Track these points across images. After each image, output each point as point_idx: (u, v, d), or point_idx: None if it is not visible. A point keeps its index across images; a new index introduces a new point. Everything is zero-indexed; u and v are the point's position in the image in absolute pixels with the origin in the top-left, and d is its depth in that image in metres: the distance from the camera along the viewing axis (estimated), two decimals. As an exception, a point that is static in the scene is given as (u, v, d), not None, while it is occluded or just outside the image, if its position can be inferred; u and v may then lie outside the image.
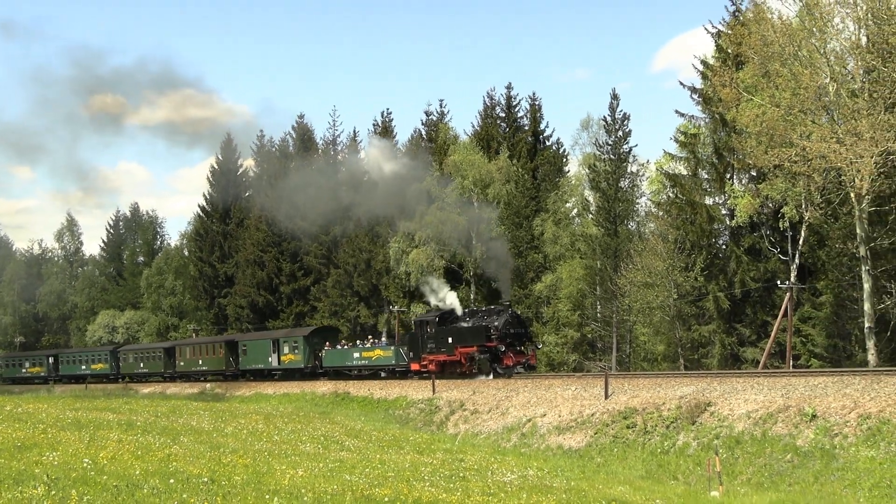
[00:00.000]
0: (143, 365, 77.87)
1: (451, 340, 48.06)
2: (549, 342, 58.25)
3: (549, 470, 25.73)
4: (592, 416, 32.94)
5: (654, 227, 61.24)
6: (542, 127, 71.94)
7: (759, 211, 48.05)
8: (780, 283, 46.08)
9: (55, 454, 18.66)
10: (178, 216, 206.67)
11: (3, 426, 25.59)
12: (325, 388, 54.69)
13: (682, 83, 57.93)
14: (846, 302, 46.33)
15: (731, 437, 26.75)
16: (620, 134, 62.32)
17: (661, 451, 28.42)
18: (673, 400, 30.85)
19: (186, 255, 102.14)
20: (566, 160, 70.97)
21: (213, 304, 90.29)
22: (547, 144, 71.44)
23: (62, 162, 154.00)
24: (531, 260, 62.15)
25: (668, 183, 57.62)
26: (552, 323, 60.09)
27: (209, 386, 68.39)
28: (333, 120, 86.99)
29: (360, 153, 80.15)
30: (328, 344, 59.32)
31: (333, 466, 21.56)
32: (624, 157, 62.62)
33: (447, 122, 73.44)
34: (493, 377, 44.73)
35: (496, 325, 45.77)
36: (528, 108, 72.27)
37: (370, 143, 78.49)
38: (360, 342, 58.56)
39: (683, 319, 53.85)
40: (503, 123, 72.20)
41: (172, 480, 15.58)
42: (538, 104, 72.17)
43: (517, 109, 72.45)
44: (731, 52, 49.75)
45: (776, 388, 28.63)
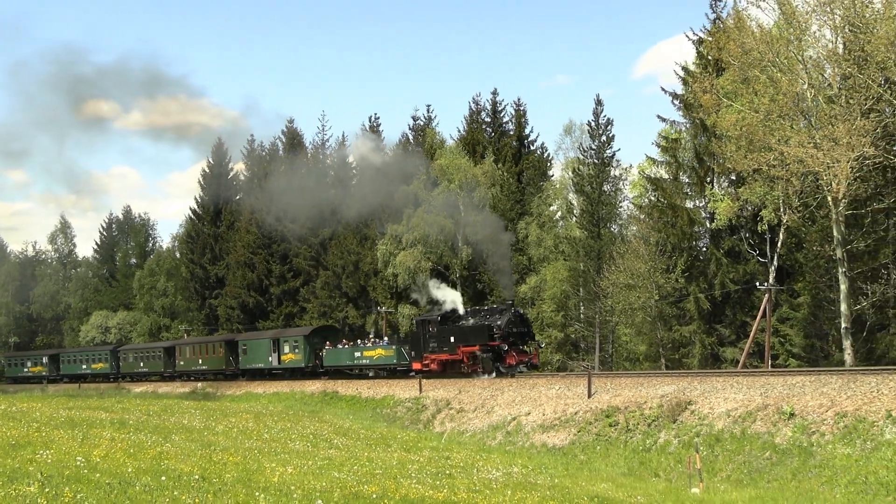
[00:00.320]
0: (142, 364, 77.40)
1: (453, 339, 47.25)
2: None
3: (533, 467, 25.73)
4: (576, 414, 32.97)
5: (636, 229, 61.29)
6: (526, 132, 71.93)
7: (738, 214, 48.18)
8: (758, 284, 46.20)
9: (49, 452, 18.56)
10: (170, 219, 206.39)
11: (-3, 425, 25.49)
12: (314, 387, 54.63)
13: (663, 89, 58.28)
14: (823, 303, 46.49)
15: (711, 435, 26.81)
16: (604, 139, 62.39)
17: (642, 448, 28.47)
18: (654, 399, 30.90)
19: (178, 256, 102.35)
20: (550, 164, 71.12)
21: (204, 304, 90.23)
22: (531, 149, 71.46)
23: (53, 165, 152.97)
24: (516, 262, 62.16)
25: (649, 187, 57.68)
26: (536, 324, 60.07)
27: (200, 385, 68.15)
28: (322, 124, 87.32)
29: (349, 157, 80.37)
30: (329, 343, 58.49)
31: (322, 464, 21.51)
32: (607, 161, 62.70)
33: (434, 126, 73.43)
34: (495, 376, 43.82)
35: (499, 323, 45.11)
36: (512, 113, 72.34)
37: (360, 136, 78.55)
38: (361, 341, 57.65)
39: (665, 320, 53.94)
40: (489, 128, 72.21)
41: (164, 478, 15.51)
42: (523, 109, 72.21)
43: (502, 115, 72.51)
44: (711, 58, 49.88)
45: (755, 387, 28.70)
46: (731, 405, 27.92)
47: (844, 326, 41.13)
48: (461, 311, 50.26)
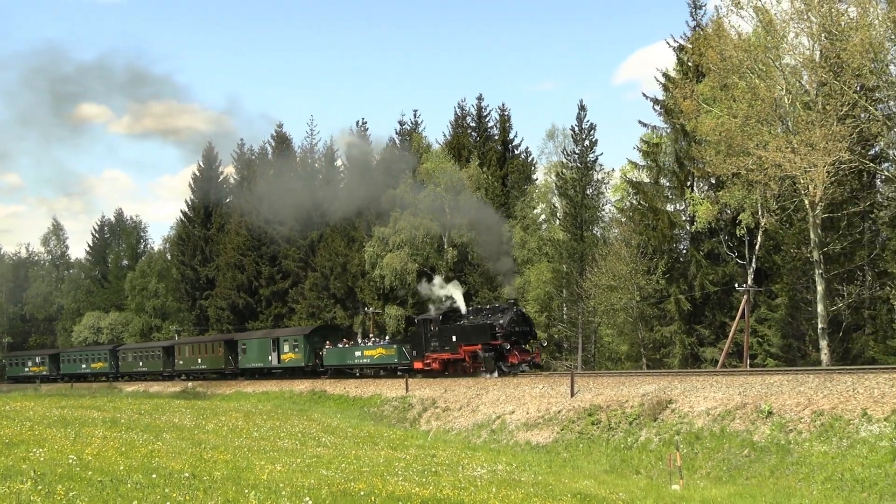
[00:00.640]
0: (142, 364, 76.81)
1: (454, 338, 46.24)
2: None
3: (517, 465, 25.73)
4: (559, 413, 32.99)
5: (618, 232, 61.35)
6: (510, 136, 72.01)
7: (717, 217, 48.26)
8: (737, 286, 46.30)
9: (42, 450, 18.52)
10: (161, 221, 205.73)
11: (-10, 424, 25.41)
12: (302, 386, 54.52)
13: (644, 95, 58.40)
14: (800, 304, 46.62)
15: (691, 433, 26.86)
16: (587, 143, 62.48)
17: (624, 446, 28.51)
18: (636, 398, 30.95)
19: (169, 258, 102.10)
20: (534, 168, 71.19)
21: (194, 305, 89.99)
22: (516, 153, 71.50)
23: (43, 168, 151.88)
24: (500, 263, 62.14)
25: (631, 190, 57.78)
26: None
27: (191, 384, 67.92)
28: (311, 129, 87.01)
29: (336, 161, 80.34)
30: (329, 343, 57.46)
31: (310, 462, 21.49)
32: (590, 165, 62.78)
33: (421, 131, 73.44)
34: (497, 375, 42.71)
35: (501, 322, 43.94)
36: (497, 118, 72.29)
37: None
38: (362, 341, 56.93)
39: (646, 321, 54.02)
40: (474, 133, 72.19)
41: (155, 476, 15.48)
42: (507, 115, 72.21)
43: (487, 119, 72.48)
44: (691, 65, 50.04)
45: (734, 386, 28.77)
46: (710, 404, 27.98)
47: (821, 327, 41.27)
48: (463, 310, 49.29)
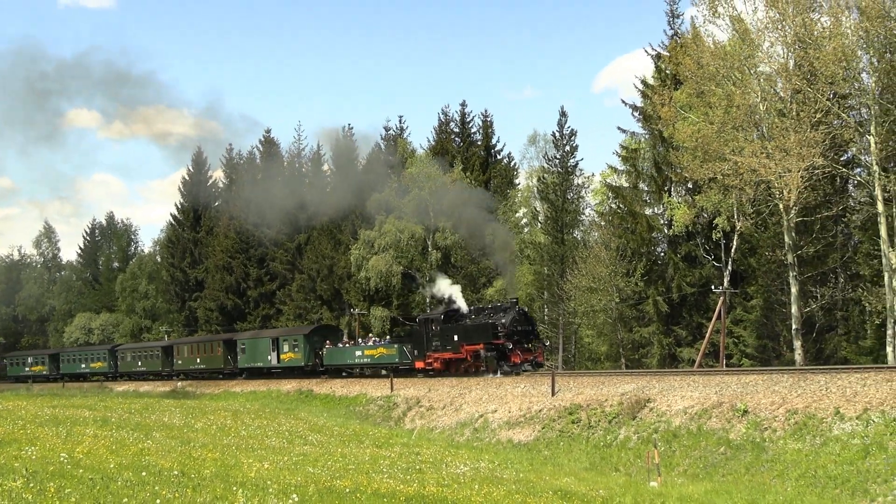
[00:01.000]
0: (140, 363, 75.97)
1: (456, 338, 44.96)
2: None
3: (499, 462, 25.69)
4: (540, 412, 32.98)
5: (597, 235, 61.53)
6: (493, 142, 71.95)
7: (694, 221, 48.42)
8: (714, 287, 46.43)
9: (34, 449, 18.44)
10: (151, 224, 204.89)
11: (-18, 423, 25.27)
12: (289, 385, 54.34)
13: (623, 101, 58.55)
14: (775, 305, 46.79)
15: (668, 431, 26.89)
16: (567, 149, 62.60)
17: (603, 444, 28.51)
18: (615, 397, 30.96)
19: (159, 261, 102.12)
20: (516, 173, 71.30)
21: (184, 307, 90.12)
22: (498, 158, 71.52)
23: (34, 172, 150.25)
24: (483, 266, 62.15)
25: (611, 194, 58.04)
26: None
27: (180, 384, 67.62)
28: (298, 135, 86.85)
29: (323, 166, 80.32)
30: (328, 342, 56.18)
31: (297, 460, 21.43)
32: (570, 170, 62.91)
33: (406, 137, 73.41)
34: (500, 375, 41.52)
35: (503, 322, 42.66)
36: (480, 124, 72.33)
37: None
38: (361, 340, 55.85)
39: (625, 321, 54.16)
40: (457, 138, 72.17)
41: (145, 473, 15.42)
42: (490, 120, 72.25)
43: (470, 125, 72.45)
44: (669, 73, 50.18)
45: (710, 385, 28.82)
46: (687, 403, 28.02)
47: (795, 328, 41.43)
48: (464, 309, 48.06)
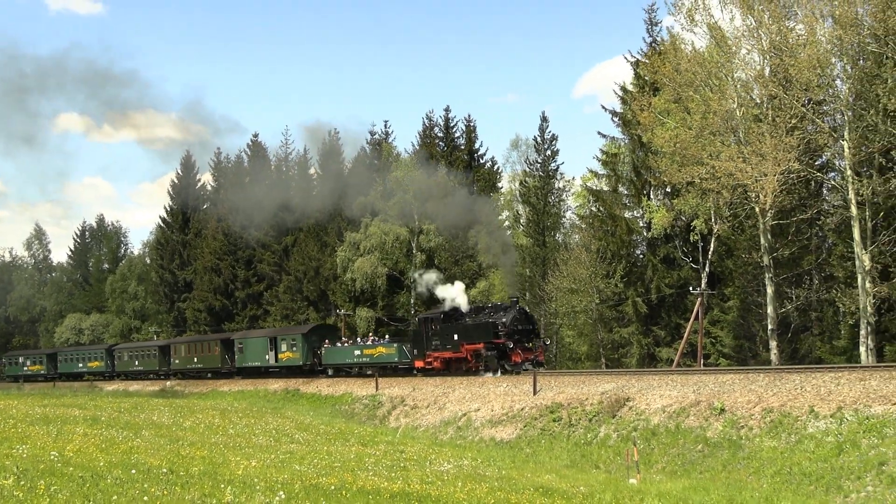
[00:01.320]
0: (137, 363, 75.04)
1: (456, 337, 43.88)
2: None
3: (482, 460, 25.68)
4: (522, 410, 32.99)
5: (578, 238, 61.65)
6: (476, 146, 71.90)
7: (673, 224, 48.48)
8: (691, 289, 46.57)
9: (24, 447, 18.35)
10: (140, 227, 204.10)
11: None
12: (276, 385, 54.23)
13: (603, 107, 58.97)
14: (751, 306, 46.91)
15: (647, 429, 26.93)
16: (549, 153, 62.76)
17: (584, 442, 28.54)
18: (595, 396, 30.99)
19: (148, 262, 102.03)
20: (499, 176, 71.28)
21: (172, 307, 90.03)
22: (481, 162, 71.48)
23: (24, 175, 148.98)
24: (466, 268, 62.13)
25: (591, 198, 58.04)
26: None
27: (169, 384, 67.32)
28: (286, 139, 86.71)
29: (310, 169, 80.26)
30: (327, 342, 55.12)
31: (284, 458, 21.38)
32: (551, 174, 63.04)
33: (391, 141, 73.37)
34: (500, 374, 40.68)
35: (504, 321, 41.65)
36: (464, 128, 72.24)
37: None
38: (360, 339, 55.12)
39: (605, 322, 54.22)
40: (441, 143, 72.11)
41: (134, 471, 15.36)
42: (473, 125, 72.10)
43: (454, 130, 72.31)
44: (648, 79, 50.28)
45: (688, 384, 28.89)
46: (666, 401, 28.07)
47: (771, 328, 41.56)
48: (464, 308, 46.63)
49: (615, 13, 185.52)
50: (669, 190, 49.86)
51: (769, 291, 41.57)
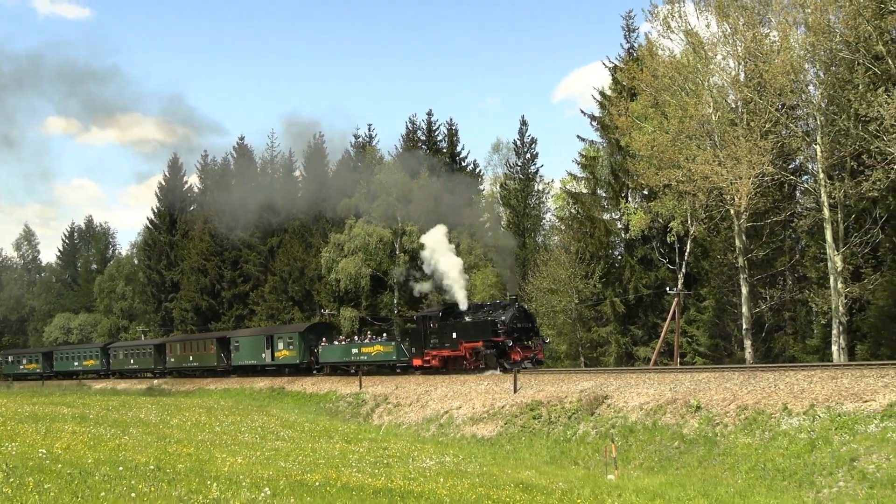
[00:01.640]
0: (133, 361, 74.15)
1: (455, 335, 42.74)
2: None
3: (464, 457, 25.66)
4: (503, 408, 32.98)
5: (558, 239, 61.75)
6: (458, 149, 71.89)
7: (650, 225, 48.64)
8: (668, 289, 46.71)
9: (13, 445, 18.25)
10: (128, 228, 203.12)
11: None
12: (262, 383, 54.04)
13: (582, 111, 59.14)
14: (726, 306, 47.07)
15: (625, 426, 26.95)
16: (528, 156, 62.88)
17: (563, 439, 28.54)
18: (574, 394, 31.01)
19: (136, 263, 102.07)
20: (480, 179, 71.26)
21: (160, 307, 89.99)
22: (463, 165, 71.49)
23: (11, 176, 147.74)
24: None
25: (570, 200, 58.17)
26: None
27: (156, 382, 67.00)
28: (271, 141, 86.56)
29: (295, 172, 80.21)
30: (324, 340, 53.95)
31: (269, 455, 21.34)
32: (531, 177, 63.16)
33: (374, 144, 73.33)
34: (500, 372, 39.25)
35: (503, 319, 40.60)
36: (446, 132, 72.26)
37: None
38: (358, 338, 54.33)
39: (584, 322, 54.32)
40: (424, 146, 72.13)
41: (122, 468, 15.31)
42: (455, 129, 72.05)
43: (436, 133, 72.34)
44: (625, 84, 50.40)
45: (665, 383, 28.94)
46: (643, 399, 28.12)
47: (745, 327, 41.71)
48: (462, 306, 45.23)
49: (594, 20, 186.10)
50: (647, 192, 50.01)
51: (744, 292, 41.72)
